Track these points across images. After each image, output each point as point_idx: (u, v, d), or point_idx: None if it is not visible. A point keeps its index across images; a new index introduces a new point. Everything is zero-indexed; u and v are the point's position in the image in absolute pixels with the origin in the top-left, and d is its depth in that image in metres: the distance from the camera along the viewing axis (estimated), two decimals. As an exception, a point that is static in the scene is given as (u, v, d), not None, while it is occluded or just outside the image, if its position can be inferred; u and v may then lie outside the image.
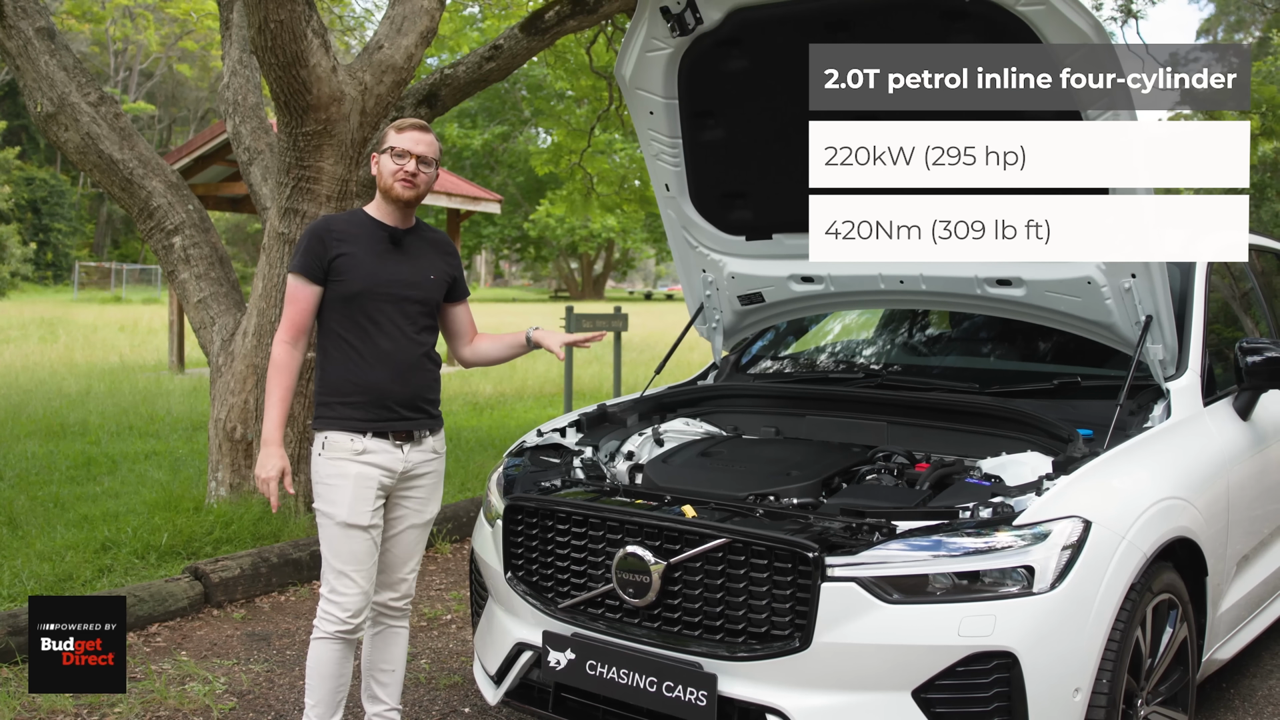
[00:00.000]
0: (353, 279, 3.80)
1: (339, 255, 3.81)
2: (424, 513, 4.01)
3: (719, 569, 3.37)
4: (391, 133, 3.88)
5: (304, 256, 3.83)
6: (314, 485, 3.88)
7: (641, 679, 3.46)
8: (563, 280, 75.86)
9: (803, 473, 3.90)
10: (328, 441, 3.82)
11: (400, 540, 3.99)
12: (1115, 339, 4.19)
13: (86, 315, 32.43)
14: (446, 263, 4.04)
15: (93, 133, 7.01)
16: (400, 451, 3.86)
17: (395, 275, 3.87)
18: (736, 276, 4.84)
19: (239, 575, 6.04)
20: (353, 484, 3.78)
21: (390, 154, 3.83)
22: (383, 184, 3.87)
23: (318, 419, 3.88)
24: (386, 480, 3.84)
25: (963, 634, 3.11)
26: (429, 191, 3.97)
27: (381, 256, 3.87)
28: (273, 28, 5.86)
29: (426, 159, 3.86)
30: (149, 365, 18.73)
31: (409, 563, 4.04)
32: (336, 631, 3.82)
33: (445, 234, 4.17)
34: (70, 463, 9.34)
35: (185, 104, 63.74)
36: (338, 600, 3.81)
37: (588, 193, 16.93)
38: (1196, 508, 3.81)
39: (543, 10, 7.71)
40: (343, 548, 3.79)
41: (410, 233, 3.97)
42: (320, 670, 3.87)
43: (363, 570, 3.82)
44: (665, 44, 4.19)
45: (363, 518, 3.78)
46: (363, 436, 3.80)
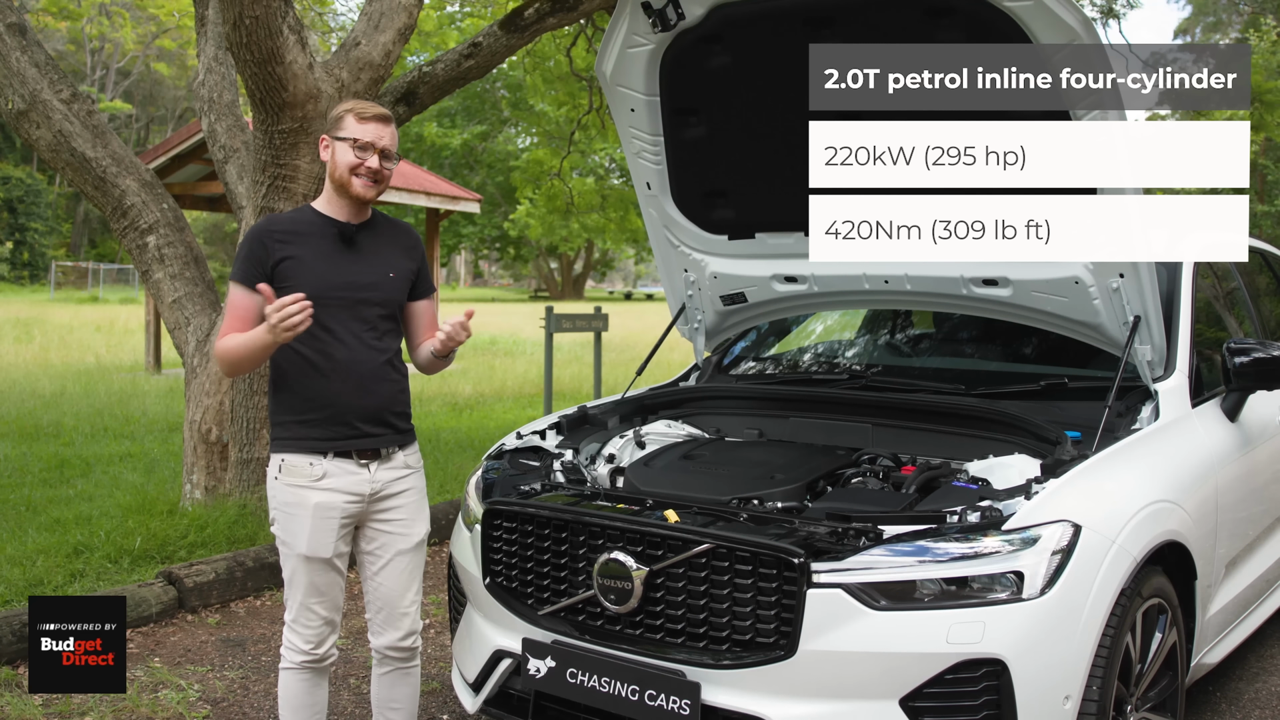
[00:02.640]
0: (301, 283, 3.38)
1: (284, 259, 3.46)
2: (411, 535, 3.68)
3: (702, 575, 3.31)
4: (351, 120, 3.48)
5: (244, 263, 3.47)
6: (271, 510, 3.61)
7: (623, 687, 3.40)
8: (542, 280, 75.81)
9: (787, 476, 3.84)
10: (284, 464, 3.52)
11: (390, 571, 3.67)
12: (1103, 340, 4.15)
13: (63, 315, 32.21)
14: (409, 257, 3.68)
15: (65, 130, 6.91)
16: (366, 471, 3.55)
17: (349, 277, 3.52)
18: (719, 276, 4.79)
19: (214, 580, 5.95)
20: (312, 515, 3.50)
21: (352, 145, 3.46)
22: (338, 177, 3.50)
23: (274, 440, 3.57)
24: (353, 506, 3.55)
25: (951, 641, 3.06)
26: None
27: (332, 257, 3.51)
28: (248, 23, 5.78)
29: (389, 154, 3.53)
30: (125, 366, 18.60)
31: (406, 595, 3.71)
32: (302, 662, 3.65)
33: (406, 223, 3.82)
34: (43, 465, 9.23)
35: (163, 103, 63.45)
36: (301, 631, 3.62)
37: (566, 210, 16.86)
38: (1186, 510, 3.77)
39: (522, 7, 7.64)
40: (303, 580, 3.58)
41: (365, 227, 3.61)
42: (291, 702, 3.69)
43: (326, 601, 3.61)
44: (647, 40, 4.14)
45: (324, 550, 3.53)
46: (323, 458, 3.50)
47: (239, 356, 3.43)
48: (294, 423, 3.52)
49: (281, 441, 3.55)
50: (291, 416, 3.53)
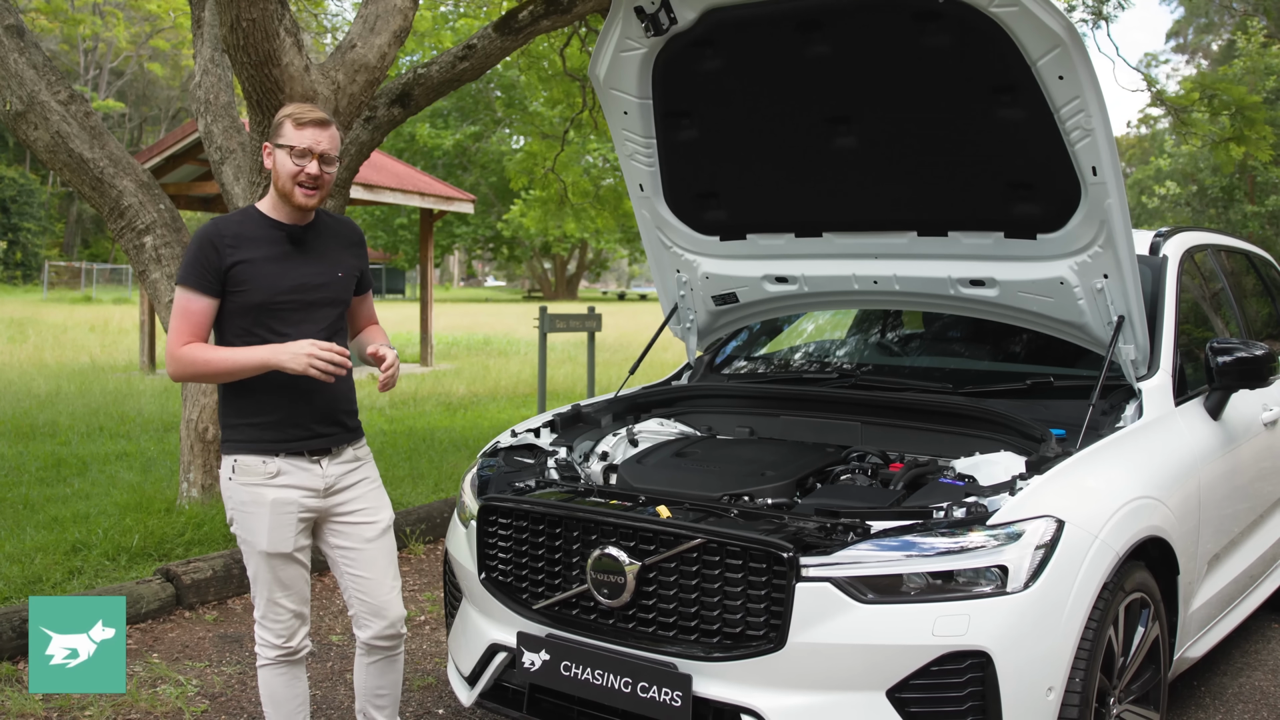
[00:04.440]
0: (254, 288, 3.47)
1: (236, 263, 3.48)
2: (376, 523, 3.76)
3: (694, 569, 3.36)
4: (289, 127, 3.50)
5: (194, 267, 3.47)
6: (229, 510, 3.65)
7: (616, 680, 3.45)
8: (536, 280, 75.74)
9: (777, 473, 3.89)
10: (238, 465, 3.56)
11: (364, 562, 3.74)
12: (1087, 339, 4.21)
13: (56, 315, 32.17)
14: (354, 254, 3.75)
15: (62, 131, 6.94)
16: (318, 468, 3.62)
17: (300, 279, 3.56)
18: (711, 277, 4.85)
19: (211, 577, 6.00)
20: (269, 511, 3.55)
21: (289, 153, 3.47)
22: (280, 186, 3.52)
23: (225, 442, 3.60)
24: (309, 500, 3.61)
25: (937, 634, 3.11)
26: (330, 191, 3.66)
27: (282, 260, 3.55)
28: (245, 26, 5.82)
29: (329, 157, 3.52)
30: (120, 366, 18.60)
31: (385, 581, 3.77)
32: (277, 657, 3.71)
33: (349, 219, 3.87)
34: (40, 464, 9.26)
35: (156, 103, 63.34)
36: (271, 626, 3.69)
37: (561, 201, 16.87)
38: (1168, 507, 3.83)
39: (516, 10, 7.68)
40: (267, 576, 3.62)
41: (311, 228, 3.64)
42: (273, 697, 3.76)
43: (292, 594, 3.66)
44: (639, 44, 4.18)
45: (285, 544, 3.58)
46: (275, 458, 3.55)
47: (219, 371, 3.49)
48: (246, 425, 3.57)
49: (233, 444, 3.59)
50: (243, 420, 3.58)
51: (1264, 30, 31.71)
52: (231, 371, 3.48)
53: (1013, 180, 3.93)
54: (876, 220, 4.35)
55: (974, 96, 3.76)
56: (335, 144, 3.56)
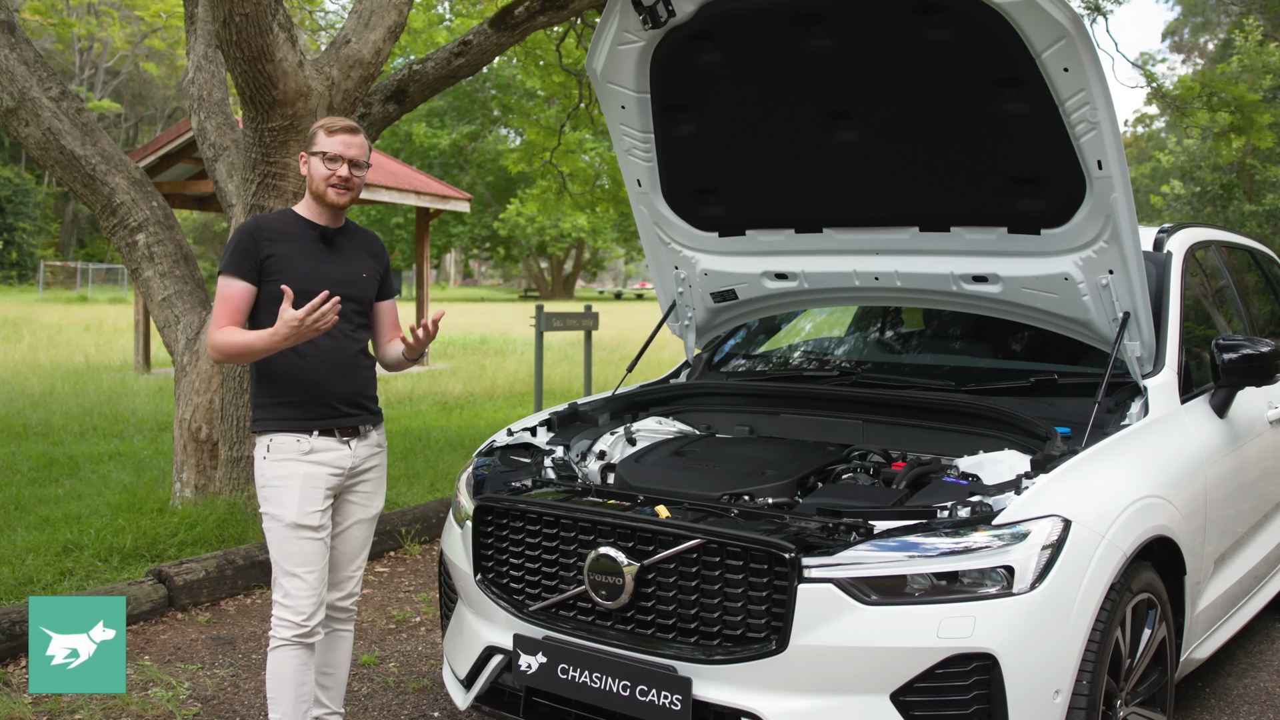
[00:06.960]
0: (287, 279, 3.71)
1: (270, 255, 3.80)
2: (370, 507, 4.03)
3: (693, 570, 3.31)
4: (321, 135, 3.87)
5: (236, 255, 3.79)
6: (259, 489, 3.85)
7: (614, 683, 3.40)
8: (532, 280, 75.77)
9: (778, 472, 3.85)
10: (273, 444, 3.80)
11: (347, 538, 3.99)
12: (1092, 336, 4.16)
13: (51, 315, 32.12)
14: (376, 260, 4.08)
15: (54, 128, 6.89)
16: (348, 448, 3.87)
17: (329, 274, 3.85)
18: (709, 273, 4.79)
19: (204, 578, 5.94)
20: (300, 484, 3.76)
21: (322, 159, 3.83)
22: (314, 188, 3.87)
23: (258, 421, 3.85)
24: (335, 478, 3.84)
25: (942, 635, 3.06)
26: (360, 194, 3.97)
27: (314, 256, 3.87)
28: (238, 21, 5.77)
29: (358, 162, 3.88)
30: (114, 365, 18.54)
31: (355, 560, 4.05)
32: (294, 636, 3.79)
33: (373, 233, 4.22)
34: (32, 464, 9.20)
35: (152, 102, 63.24)
36: (290, 604, 3.79)
37: (560, 191, 16.84)
38: (1175, 506, 3.78)
39: (512, 6, 7.63)
40: (292, 549, 3.78)
41: (340, 232, 3.98)
42: (281, 680, 3.82)
43: (314, 570, 3.80)
44: (637, 37, 4.13)
45: (312, 518, 3.77)
46: (309, 436, 3.79)
47: (241, 351, 3.71)
48: (277, 404, 3.82)
49: (267, 422, 3.83)
50: (276, 400, 3.82)
51: (1260, 28, 31.71)
52: (252, 350, 3.69)
53: (1016, 174, 3.88)
54: (877, 215, 4.30)
55: (977, 90, 3.70)
56: (364, 150, 3.91)
